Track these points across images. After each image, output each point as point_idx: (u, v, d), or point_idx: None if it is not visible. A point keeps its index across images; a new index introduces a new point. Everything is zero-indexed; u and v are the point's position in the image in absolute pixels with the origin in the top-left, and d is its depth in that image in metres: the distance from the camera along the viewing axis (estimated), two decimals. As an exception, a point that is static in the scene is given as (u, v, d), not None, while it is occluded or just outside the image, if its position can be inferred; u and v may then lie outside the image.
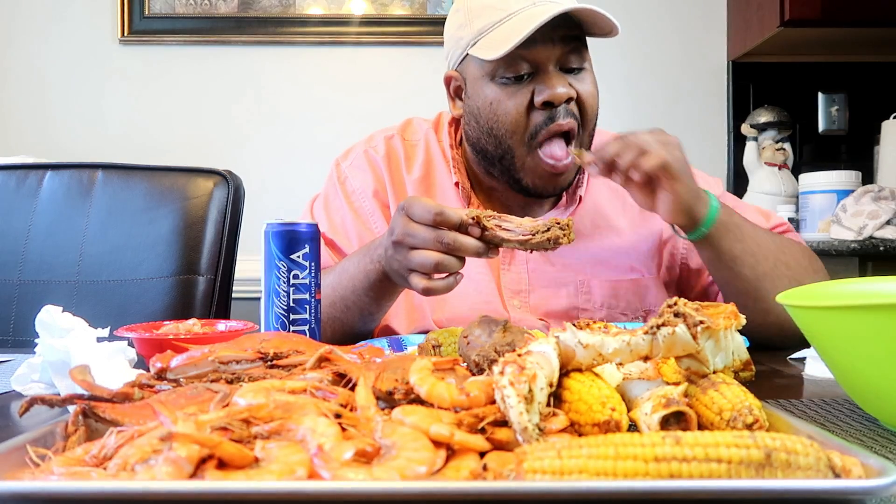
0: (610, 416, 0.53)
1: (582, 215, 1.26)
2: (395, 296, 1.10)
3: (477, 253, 0.88)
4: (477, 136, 1.19)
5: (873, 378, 0.63)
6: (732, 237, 1.05)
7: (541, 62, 1.10)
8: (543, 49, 1.09)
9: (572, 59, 1.12)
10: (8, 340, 1.40)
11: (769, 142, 2.68)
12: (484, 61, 1.12)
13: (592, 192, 1.28)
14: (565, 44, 1.11)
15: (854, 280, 0.75)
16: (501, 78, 1.11)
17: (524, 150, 1.13)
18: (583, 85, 1.14)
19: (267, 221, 0.91)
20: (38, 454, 0.50)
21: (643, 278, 1.25)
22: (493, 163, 1.19)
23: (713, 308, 0.61)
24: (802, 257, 1.13)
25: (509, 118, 1.12)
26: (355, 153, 1.32)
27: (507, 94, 1.11)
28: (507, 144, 1.14)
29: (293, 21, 2.78)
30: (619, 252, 1.25)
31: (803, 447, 0.45)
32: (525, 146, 1.13)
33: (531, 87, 1.11)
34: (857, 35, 2.60)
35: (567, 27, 1.10)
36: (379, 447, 0.48)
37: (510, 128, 1.12)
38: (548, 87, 1.09)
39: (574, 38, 1.12)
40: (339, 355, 0.66)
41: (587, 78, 1.15)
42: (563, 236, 0.86)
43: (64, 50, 2.77)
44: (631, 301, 1.24)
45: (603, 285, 1.23)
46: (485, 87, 1.14)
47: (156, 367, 0.66)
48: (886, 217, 2.12)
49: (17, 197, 1.48)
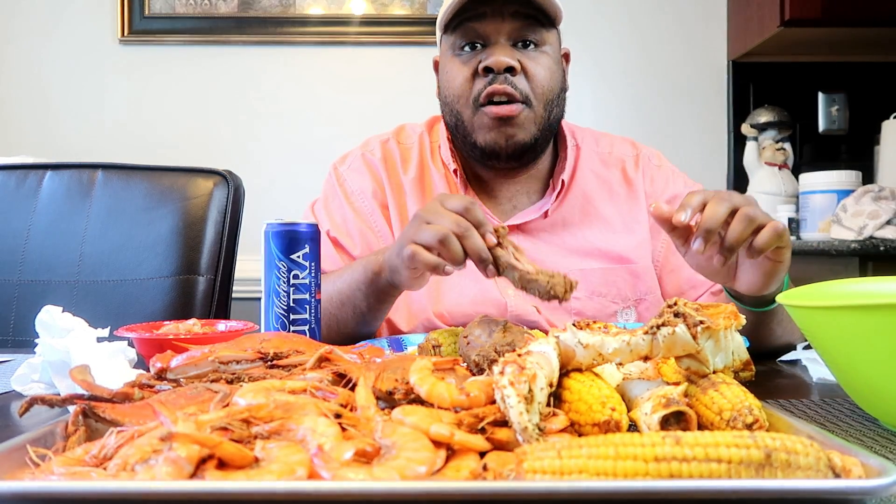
0: (610, 416, 0.53)
1: (571, 203, 1.28)
2: (392, 300, 1.11)
3: (480, 258, 0.88)
4: (442, 109, 1.28)
5: (873, 378, 0.63)
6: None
7: (489, 34, 1.18)
8: (492, 22, 1.17)
9: (526, 34, 1.19)
10: (8, 340, 1.40)
11: (769, 142, 2.68)
12: (447, 36, 1.22)
13: (579, 179, 1.30)
14: (515, 19, 1.17)
15: (854, 280, 0.75)
16: (459, 50, 1.21)
17: (470, 112, 1.20)
18: (532, 62, 1.19)
19: (267, 221, 0.91)
20: (38, 454, 0.50)
21: (634, 266, 1.26)
22: (455, 133, 1.27)
23: (713, 308, 0.61)
24: None
25: (457, 83, 1.21)
26: (352, 157, 1.35)
27: (460, 63, 1.21)
28: (456, 109, 1.23)
29: (293, 21, 2.78)
30: (609, 240, 1.26)
31: (803, 447, 0.45)
32: (471, 108, 1.20)
33: (479, 57, 1.19)
34: (857, 35, 2.60)
35: (520, 4, 1.17)
36: (379, 447, 0.48)
37: (457, 92, 1.21)
38: (491, 54, 1.17)
39: (527, 17, 1.18)
40: (339, 355, 0.66)
41: (541, 58, 1.21)
42: (564, 292, 0.83)
43: (64, 50, 2.77)
44: (622, 289, 1.24)
45: (594, 274, 1.24)
46: (448, 61, 1.24)
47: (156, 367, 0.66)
48: (887, 217, 2.12)
49: (17, 197, 1.48)
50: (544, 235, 1.26)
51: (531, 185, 1.30)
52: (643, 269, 1.26)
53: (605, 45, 2.84)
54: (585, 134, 1.36)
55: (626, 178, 1.32)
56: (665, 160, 1.36)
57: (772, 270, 0.90)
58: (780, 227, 0.84)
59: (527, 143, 1.21)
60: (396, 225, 1.28)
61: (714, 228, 0.83)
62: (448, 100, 1.24)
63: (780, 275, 0.91)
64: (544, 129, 1.22)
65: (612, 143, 1.36)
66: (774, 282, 0.92)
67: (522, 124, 1.19)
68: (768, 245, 0.84)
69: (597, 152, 1.34)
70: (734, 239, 0.83)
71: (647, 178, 1.32)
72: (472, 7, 1.16)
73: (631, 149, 1.36)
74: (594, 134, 1.37)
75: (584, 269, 1.23)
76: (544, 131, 1.23)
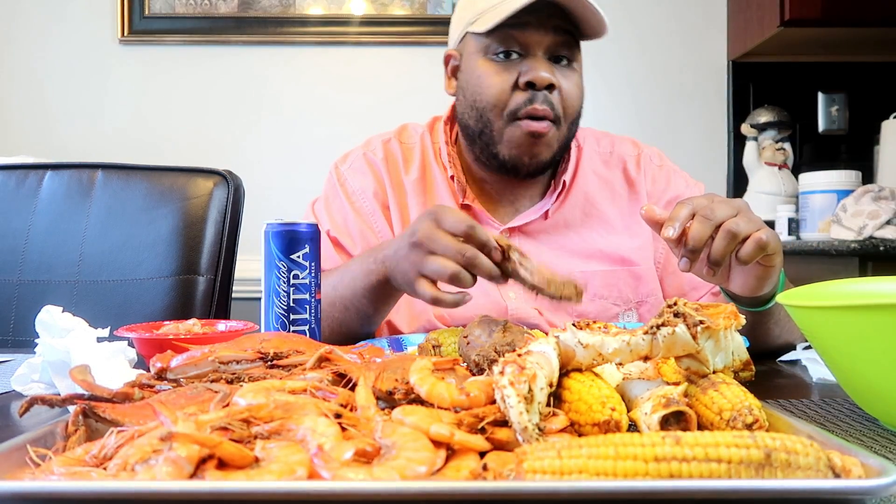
0: (610, 416, 0.53)
1: (572, 204, 1.28)
2: (394, 301, 1.11)
3: (490, 276, 0.88)
4: (462, 110, 1.25)
5: (873, 378, 0.63)
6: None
7: (530, 45, 1.16)
8: (535, 33, 1.15)
9: (561, 50, 1.17)
10: (8, 340, 1.40)
11: (769, 142, 2.68)
12: (480, 37, 1.18)
13: (581, 180, 1.30)
14: (556, 34, 1.16)
15: (854, 280, 0.75)
16: (493, 54, 1.18)
17: (502, 123, 1.18)
18: (567, 81, 1.18)
19: (267, 221, 0.91)
20: (38, 454, 0.50)
21: (636, 268, 1.25)
22: (475, 139, 1.24)
23: (713, 308, 0.61)
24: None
25: (493, 91, 1.17)
26: (354, 156, 1.34)
27: (496, 70, 1.17)
28: (487, 118, 1.19)
29: (293, 21, 2.78)
30: (611, 242, 1.26)
31: (803, 447, 0.45)
32: (503, 121, 1.18)
33: (518, 68, 1.16)
34: (857, 35, 2.60)
35: (561, 19, 1.15)
36: (379, 447, 0.48)
37: (492, 101, 1.18)
38: (532, 69, 1.15)
39: (566, 32, 1.17)
40: (339, 355, 0.66)
41: (573, 76, 1.19)
42: (575, 298, 0.85)
43: (64, 50, 2.77)
44: (623, 291, 1.24)
45: (595, 276, 1.23)
46: (478, 62, 1.20)
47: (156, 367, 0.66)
48: (886, 217, 2.12)
49: (17, 197, 1.48)
50: (545, 237, 1.26)
51: (533, 186, 1.29)
52: (645, 271, 1.26)
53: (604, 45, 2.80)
54: (587, 134, 1.35)
55: (627, 179, 1.32)
56: (667, 160, 1.36)
57: (763, 274, 0.91)
58: (762, 240, 0.83)
59: (548, 161, 1.22)
60: (397, 225, 1.27)
61: (698, 248, 0.83)
62: (478, 105, 1.20)
63: (772, 278, 0.92)
64: (564, 146, 1.23)
65: (613, 143, 1.36)
66: (767, 284, 0.93)
67: (549, 143, 1.18)
68: (751, 258, 0.84)
69: (598, 152, 1.34)
70: (718, 255, 0.83)
71: (649, 178, 1.32)
72: (514, 14, 1.12)
73: (632, 148, 1.35)
74: (595, 133, 1.37)
75: (584, 272, 1.23)
76: (563, 149, 1.23)
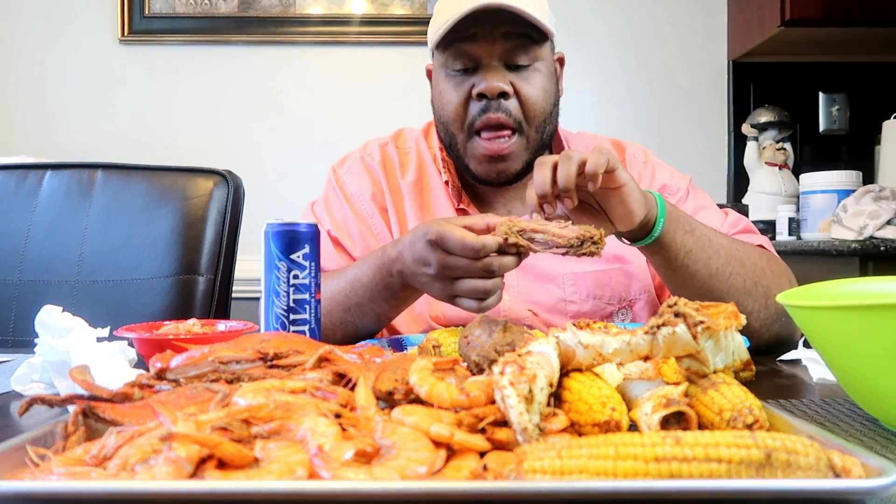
0: (610, 416, 0.53)
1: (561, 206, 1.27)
2: (418, 297, 1.10)
3: (514, 268, 0.90)
4: (436, 124, 1.28)
5: (873, 378, 0.63)
6: (682, 229, 1.02)
7: (481, 56, 1.16)
8: (484, 45, 1.15)
9: (517, 57, 1.17)
10: (8, 340, 1.40)
11: (770, 142, 2.68)
12: (439, 54, 1.21)
13: None
14: (507, 39, 1.15)
15: (854, 280, 0.75)
16: (450, 70, 1.19)
17: (464, 137, 1.20)
18: (525, 84, 1.18)
19: (267, 221, 0.91)
20: (38, 454, 0.50)
21: (628, 266, 1.26)
22: (449, 150, 1.27)
23: (713, 308, 0.61)
24: (759, 258, 1.09)
25: (451, 107, 1.20)
26: (352, 160, 1.35)
27: (453, 85, 1.19)
28: (451, 131, 1.22)
29: (293, 21, 2.78)
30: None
31: (803, 447, 0.45)
32: (465, 133, 1.20)
33: (472, 80, 1.17)
34: (858, 35, 2.60)
35: (511, 24, 1.14)
36: (379, 447, 0.48)
37: (452, 115, 1.20)
38: (483, 79, 1.15)
39: (518, 36, 1.16)
40: (339, 355, 0.66)
41: (532, 77, 1.19)
42: (597, 250, 0.86)
43: (64, 50, 2.78)
44: (616, 290, 1.24)
45: (588, 276, 1.24)
46: (440, 78, 1.23)
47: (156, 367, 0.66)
48: (887, 217, 2.12)
49: (17, 197, 1.48)
50: None
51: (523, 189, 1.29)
52: (637, 269, 1.26)
53: (604, 45, 2.84)
54: (578, 140, 1.36)
55: None
56: (651, 155, 1.36)
57: (624, 195, 0.93)
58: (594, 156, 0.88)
59: (519, 171, 1.22)
60: (395, 228, 1.28)
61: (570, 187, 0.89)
62: (443, 119, 1.23)
63: (634, 195, 0.93)
64: (537, 150, 1.22)
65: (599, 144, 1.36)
66: (635, 204, 0.94)
67: (514, 156, 1.19)
68: (596, 166, 0.87)
69: None
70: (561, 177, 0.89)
71: (635, 175, 1.31)
72: (463, 28, 1.13)
73: (617, 149, 1.35)
74: (585, 138, 1.37)
75: (577, 273, 1.23)
76: (537, 152, 1.22)
